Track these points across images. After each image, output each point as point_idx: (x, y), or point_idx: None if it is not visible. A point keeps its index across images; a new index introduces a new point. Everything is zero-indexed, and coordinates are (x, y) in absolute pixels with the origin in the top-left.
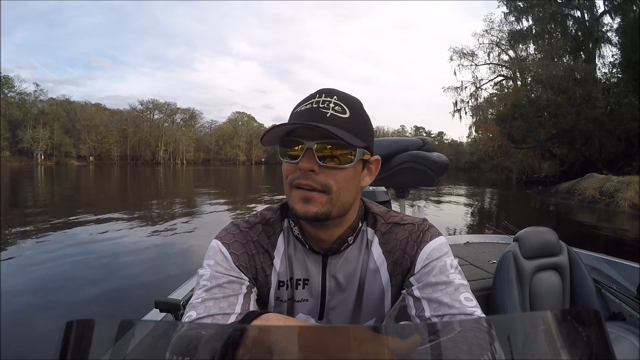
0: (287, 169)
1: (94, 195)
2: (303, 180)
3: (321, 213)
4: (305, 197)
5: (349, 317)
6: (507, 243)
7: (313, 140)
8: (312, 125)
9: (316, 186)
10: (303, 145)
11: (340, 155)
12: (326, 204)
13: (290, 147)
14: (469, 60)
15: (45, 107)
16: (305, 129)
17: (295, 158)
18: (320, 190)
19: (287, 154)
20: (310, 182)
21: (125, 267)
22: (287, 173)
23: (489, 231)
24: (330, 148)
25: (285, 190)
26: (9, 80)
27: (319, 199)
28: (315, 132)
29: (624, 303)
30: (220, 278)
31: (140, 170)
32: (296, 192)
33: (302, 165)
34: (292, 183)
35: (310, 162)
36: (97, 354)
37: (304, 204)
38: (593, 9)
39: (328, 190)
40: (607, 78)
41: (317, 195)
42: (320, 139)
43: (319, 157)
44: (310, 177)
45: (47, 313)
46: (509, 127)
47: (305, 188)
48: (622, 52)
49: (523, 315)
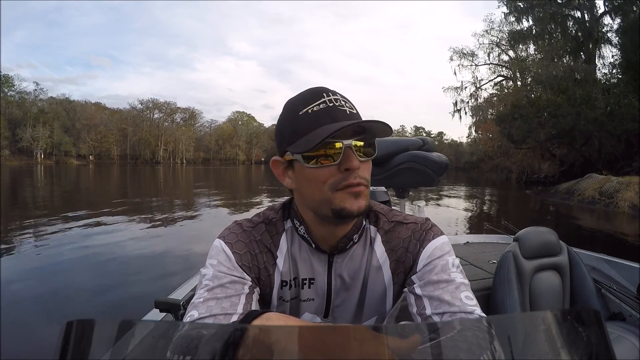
0: (323, 174)
1: (93, 194)
2: (353, 179)
3: (367, 206)
4: (356, 193)
5: (352, 315)
6: (507, 243)
7: (347, 138)
8: (369, 122)
9: (362, 182)
10: (341, 144)
11: (369, 149)
12: (367, 197)
13: (325, 149)
14: (469, 61)
15: (45, 106)
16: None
17: (326, 160)
18: (365, 185)
19: (319, 157)
20: (359, 179)
21: (124, 267)
22: (325, 177)
23: (488, 231)
24: (362, 143)
25: (318, 197)
26: (9, 79)
27: (365, 193)
28: (345, 130)
29: (624, 303)
30: (222, 278)
31: (140, 169)
32: (343, 192)
33: (352, 165)
34: (338, 186)
35: (356, 160)
36: (97, 354)
37: (355, 200)
38: (593, 10)
39: (368, 183)
40: (607, 78)
41: (364, 190)
42: (353, 136)
43: (356, 153)
44: (357, 174)
45: (47, 313)
46: (508, 127)
47: (355, 185)
48: (622, 53)
49: (523, 315)
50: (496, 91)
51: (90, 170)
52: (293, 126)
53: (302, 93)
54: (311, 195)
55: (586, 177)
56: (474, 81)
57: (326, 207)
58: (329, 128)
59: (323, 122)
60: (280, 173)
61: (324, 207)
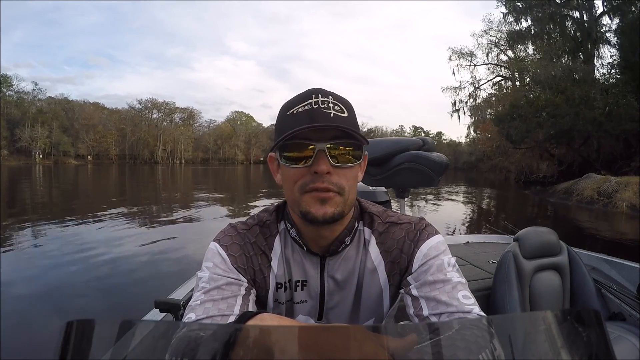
0: (295, 174)
1: (92, 194)
2: (319, 183)
3: (337, 213)
4: (321, 199)
5: (348, 318)
6: (507, 243)
7: (323, 141)
8: (333, 126)
9: (332, 187)
10: (314, 147)
11: (349, 155)
12: (340, 204)
13: (297, 151)
14: (468, 61)
15: (44, 106)
16: (311, 131)
17: (300, 161)
18: (335, 191)
19: (293, 158)
20: (327, 184)
21: (124, 267)
22: (296, 178)
23: (488, 231)
24: (341, 148)
25: (290, 197)
26: (8, 79)
27: (334, 199)
28: (324, 133)
29: (624, 303)
30: (218, 280)
31: (139, 169)
32: (309, 195)
33: (319, 168)
34: (305, 188)
35: (326, 164)
36: (97, 354)
37: (321, 206)
38: (592, 10)
39: (342, 190)
40: (605, 79)
41: (332, 196)
42: (331, 140)
43: (330, 158)
44: (326, 179)
45: (46, 312)
46: (507, 127)
47: (321, 190)
48: (620, 53)
49: (523, 315)
50: (495, 91)
51: (89, 170)
52: (279, 125)
53: (299, 94)
54: (287, 195)
55: (585, 177)
56: (473, 81)
57: (296, 208)
58: (298, 130)
59: (300, 123)
60: (275, 169)
61: (295, 208)
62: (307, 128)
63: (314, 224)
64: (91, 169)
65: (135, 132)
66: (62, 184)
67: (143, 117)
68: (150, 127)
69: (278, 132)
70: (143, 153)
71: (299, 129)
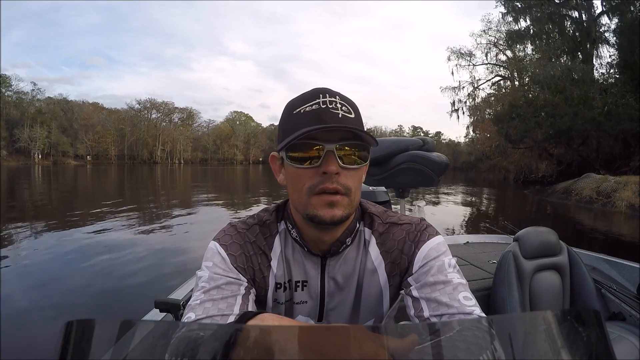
0: (303, 175)
1: (92, 195)
2: (329, 184)
3: (345, 216)
4: (330, 202)
5: (348, 318)
6: (507, 243)
7: (332, 142)
8: (345, 127)
9: (340, 189)
10: (322, 147)
11: (356, 156)
12: (347, 206)
13: (305, 151)
14: (467, 61)
15: (43, 107)
16: (320, 131)
17: (307, 162)
18: (343, 193)
19: (299, 158)
20: (336, 185)
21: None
22: (304, 179)
23: (488, 231)
24: (349, 149)
25: (296, 198)
26: (7, 79)
27: (342, 202)
28: (332, 134)
29: (624, 303)
30: (218, 279)
31: (138, 169)
32: (318, 198)
33: (329, 169)
34: (315, 189)
35: (335, 165)
36: (97, 354)
37: (329, 209)
38: (591, 10)
39: (349, 192)
40: (604, 78)
41: (340, 199)
42: (339, 141)
43: (338, 158)
44: (334, 179)
45: (46, 312)
46: (506, 127)
47: (330, 192)
48: (619, 53)
49: (523, 315)
50: (494, 91)
51: (88, 170)
52: (284, 124)
53: (304, 93)
54: (292, 196)
55: (584, 177)
56: (472, 81)
57: (302, 211)
58: (310, 129)
59: (308, 123)
60: (277, 169)
61: (301, 210)
62: (320, 129)
63: (320, 226)
64: (90, 169)
65: (134, 132)
66: (62, 185)
67: (142, 118)
68: (149, 127)
69: (283, 131)
70: (142, 153)
71: (312, 129)
